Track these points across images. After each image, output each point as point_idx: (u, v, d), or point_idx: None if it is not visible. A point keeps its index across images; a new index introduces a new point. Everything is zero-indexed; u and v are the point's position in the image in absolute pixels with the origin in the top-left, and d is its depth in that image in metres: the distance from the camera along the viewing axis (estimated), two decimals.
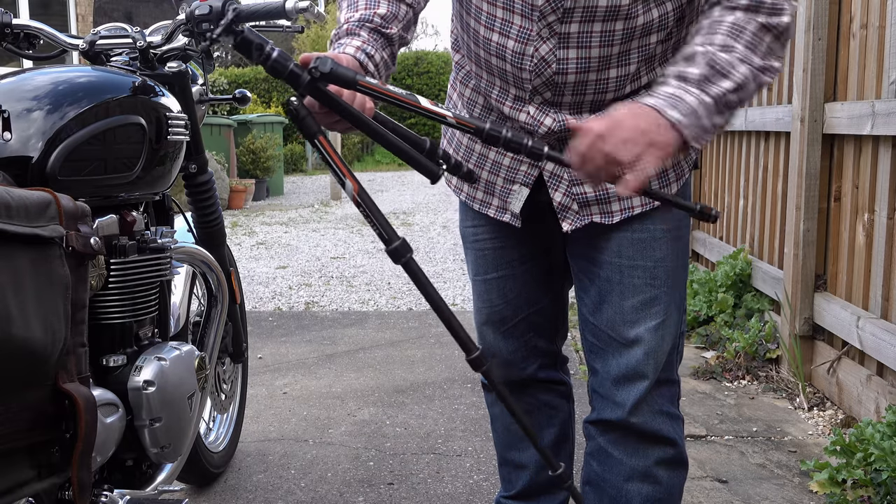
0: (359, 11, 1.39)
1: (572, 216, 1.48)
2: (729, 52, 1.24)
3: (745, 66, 1.24)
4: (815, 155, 3.02)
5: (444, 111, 1.25)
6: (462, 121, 1.26)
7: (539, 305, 1.66)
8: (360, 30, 1.37)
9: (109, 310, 1.61)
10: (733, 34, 1.25)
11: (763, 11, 1.26)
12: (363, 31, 1.37)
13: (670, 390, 1.53)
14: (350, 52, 1.33)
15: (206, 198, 2.12)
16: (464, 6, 1.45)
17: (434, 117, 1.26)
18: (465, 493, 2.33)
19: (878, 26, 2.64)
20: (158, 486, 1.72)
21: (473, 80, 1.53)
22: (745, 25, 1.26)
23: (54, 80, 1.59)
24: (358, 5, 1.40)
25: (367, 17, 1.38)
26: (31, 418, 1.27)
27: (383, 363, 3.57)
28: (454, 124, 1.26)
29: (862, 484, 2.18)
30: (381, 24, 1.38)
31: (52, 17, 9.45)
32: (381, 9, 1.39)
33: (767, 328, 3.37)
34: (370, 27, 1.38)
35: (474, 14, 1.43)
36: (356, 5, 1.41)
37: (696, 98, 1.22)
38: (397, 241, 1.26)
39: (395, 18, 1.40)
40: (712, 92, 1.23)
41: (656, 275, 1.47)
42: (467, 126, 1.26)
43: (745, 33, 1.25)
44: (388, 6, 1.40)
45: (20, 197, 1.23)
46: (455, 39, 1.57)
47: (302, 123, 1.25)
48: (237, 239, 7.14)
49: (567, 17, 1.34)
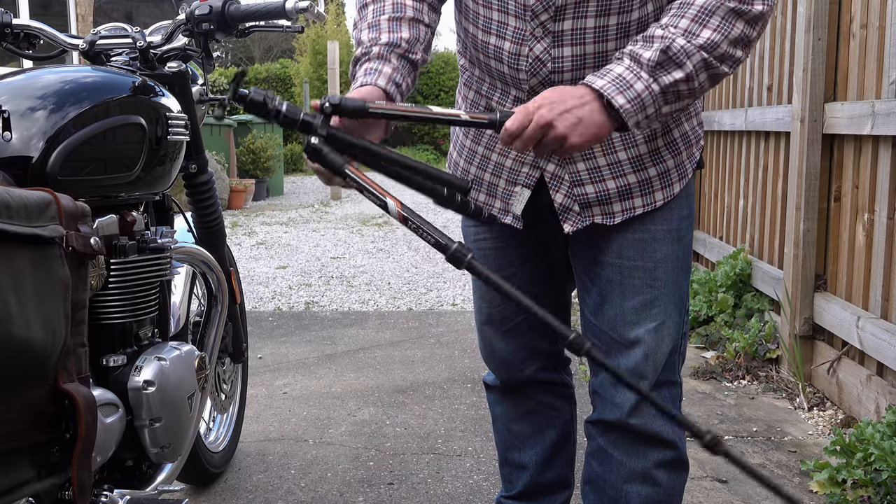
0: (383, 34, 1.37)
1: (573, 217, 1.48)
2: (689, 39, 1.23)
3: (701, 54, 1.23)
4: (815, 155, 3.02)
5: (456, 112, 1.26)
6: (475, 115, 1.27)
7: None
8: (391, 55, 1.35)
9: (109, 310, 1.61)
10: (699, 18, 1.24)
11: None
12: (393, 58, 1.35)
13: (671, 391, 1.53)
14: (382, 83, 1.32)
15: (206, 198, 2.12)
16: (462, 12, 1.46)
17: (448, 120, 1.26)
18: (465, 493, 2.33)
19: (878, 26, 2.64)
20: (158, 486, 1.72)
21: (476, 83, 1.53)
22: (714, 9, 1.24)
23: (54, 80, 1.59)
24: (381, 27, 1.38)
25: (395, 42, 1.36)
26: (32, 418, 1.27)
27: (383, 363, 3.57)
28: (468, 121, 1.26)
29: (862, 484, 2.18)
30: (408, 49, 1.37)
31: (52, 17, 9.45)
32: (404, 33, 1.37)
33: (767, 328, 3.37)
34: (398, 53, 1.36)
35: (472, 19, 1.43)
36: (378, 27, 1.38)
37: (644, 85, 1.22)
38: (454, 246, 1.23)
39: (417, 42, 1.39)
40: (663, 81, 1.23)
41: (656, 276, 1.47)
42: (481, 119, 1.26)
43: (714, 18, 1.24)
44: (410, 30, 1.38)
45: (20, 197, 1.23)
46: (461, 45, 1.57)
47: (326, 161, 1.25)
48: (237, 239, 7.14)
49: (559, 15, 1.34)
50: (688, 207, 1.51)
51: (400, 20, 1.38)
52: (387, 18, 1.38)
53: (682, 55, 1.22)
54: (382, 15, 1.39)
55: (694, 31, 1.23)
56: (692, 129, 1.49)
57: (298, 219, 8.56)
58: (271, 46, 24.90)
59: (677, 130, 1.46)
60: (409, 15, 1.39)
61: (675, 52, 1.22)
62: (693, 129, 1.49)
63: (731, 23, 1.24)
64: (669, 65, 1.23)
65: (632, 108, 1.22)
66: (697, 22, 1.24)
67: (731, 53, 1.25)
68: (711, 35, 1.23)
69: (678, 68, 1.23)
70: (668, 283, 1.48)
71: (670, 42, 1.23)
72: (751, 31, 1.26)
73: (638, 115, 1.23)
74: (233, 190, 9.37)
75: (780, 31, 3.52)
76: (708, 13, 1.24)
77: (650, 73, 1.23)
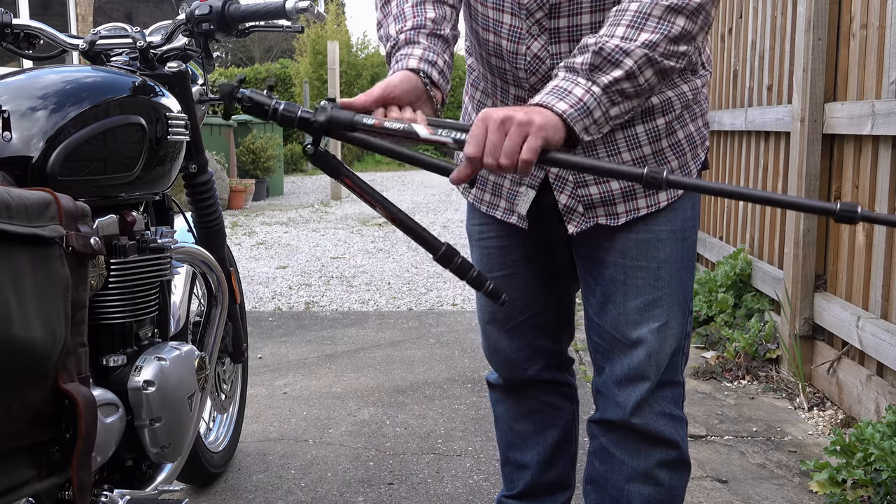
0: (409, 21, 1.37)
1: (577, 218, 1.48)
2: (626, 41, 1.20)
3: (640, 51, 1.20)
4: (815, 155, 3.02)
5: (443, 139, 1.21)
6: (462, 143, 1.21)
7: (543, 305, 1.66)
8: (419, 37, 1.35)
9: (109, 310, 1.60)
10: (636, 24, 1.21)
11: None
12: (421, 38, 1.35)
13: (673, 392, 1.53)
14: (413, 64, 1.30)
15: (206, 198, 2.12)
16: (468, 10, 1.47)
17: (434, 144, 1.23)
18: (465, 493, 2.33)
19: (878, 26, 2.64)
20: (158, 486, 1.71)
21: (482, 82, 1.54)
22: (649, 11, 1.21)
23: (54, 80, 1.59)
24: (406, 15, 1.38)
25: (420, 24, 1.36)
26: (32, 418, 1.27)
27: (383, 363, 3.57)
28: (455, 147, 1.22)
29: (862, 484, 2.18)
30: (435, 27, 1.36)
31: (52, 17, 9.45)
32: (429, 13, 1.37)
33: (767, 328, 3.37)
34: (426, 32, 1.35)
35: (474, 17, 1.45)
36: (404, 16, 1.38)
37: (584, 89, 1.19)
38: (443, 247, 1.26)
39: (444, 20, 1.38)
40: (602, 81, 1.20)
41: (660, 276, 1.47)
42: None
43: (650, 20, 1.21)
44: (435, 10, 1.38)
45: (20, 197, 1.23)
46: (468, 43, 1.58)
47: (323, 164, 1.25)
48: (237, 239, 7.14)
49: (554, 13, 1.34)
50: (692, 208, 1.50)
51: (424, 3, 1.38)
52: (410, 5, 1.38)
53: (618, 53, 1.20)
54: (406, 3, 1.39)
55: (630, 37, 1.21)
56: (697, 131, 1.49)
57: (298, 219, 8.56)
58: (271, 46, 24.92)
59: (682, 132, 1.46)
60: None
61: (609, 51, 1.20)
62: (699, 130, 1.49)
63: (669, 21, 1.21)
64: (605, 65, 1.20)
65: (576, 113, 1.18)
66: (633, 27, 1.21)
67: (674, 50, 1.22)
68: (649, 36, 1.21)
69: (615, 67, 1.20)
70: (672, 283, 1.48)
71: (603, 44, 1.20)
72: (692, 26, 1.23)
73: (584, 120, 1.19)
74: (233, 190, 9.37)
75: (780, 31, 3.52)
76: (644, 17, 1.21)
77: (587, 76, 1.20)
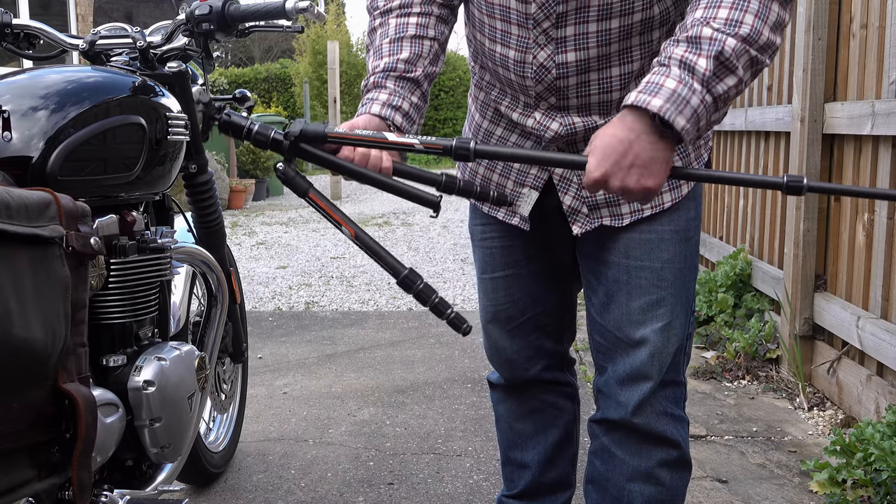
0: (383, 59, 1.41)
1: (582, 219, 1.49)
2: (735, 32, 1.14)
3: (747, 51, 1.15)
4: (815, 155, 3.02)
5: (410, 140, 1.30)
6: (430, 144, 1.30)
7: (545, 306, 1.66)
8: (386, 80, 1.39)
9: (109, 310, 1.60)
10: (739, 4, 1.16)
11: None
12: (388, 82, 1.39)
13: (675, 392, 1.53)
14: (376, 110, 1.37)
15: (206, 198, 2.11)
16: (471, 20, 1.47)
17: (402, 148, 1.31)
18: (465, 493, 2.33)
19: (878, 26, 2.64)
20: (158, 486, 1.71)
21: (486, 87, 1.54)
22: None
23: (54, 80, 1.59)
24: (382, 52, 1.41)
25: (391, 66, 1.39)
26: (32, 418, 1.27)
27: (383, 363, 3.57)
28: (422, 150, 1.30)
29: (862, 484, 2.18)
30: (406, 69, 1.39)
31: (52, 17, 9.44)
32: (403, 53, 1.40)
33: (767, 328, 3.37)
34: (395, 76, 1.39)
35: (478, 27, 1.45)
36: (381, 52, 1.42)
37: (699, 99, 1.15)
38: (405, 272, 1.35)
39: (419, 58, 1.40)
40: (717, 91, 1.16)
41: (663, 276, 1.47)
42: (435, 148, 1.31)
43: (752, 2, 1.16)
44: (411, 48, 1.40)
45: (20, 197, 1.23)
46: (472, 50, 1.58)
47: (292, 184, 1.36)
48: (237, 239, 7.14)
49: (561, 22, 1.34)
50: (695, 209, 1.50)
51: (401, 40, 1.41)
52: (388, 41, 1.42)
53: (734, 58, 1.14)
54: (385, 39, 1.42)
55: (737, 19, 1.15)
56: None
57: (298, 219, 8.56)
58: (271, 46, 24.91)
59: None
60: (412, 33, 1.41)
61: (728, 56, 1.14)
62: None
63: (767, 6, 1.17)
64: (722, 72, 1.15)
65: (691, 128, 1.15)
66: (738, 8, 1.16)
67: (773, 41, 1.18)
68: (754, 22, 1.15)
69: (731, 74, 1.15)
70: (675, 283, 1.48)
71: (721, 45, 1.14)
72: (784, 14, 1.19)
73: (693, 133, 1.16)
74: (233, 190, 9.37)
75: None
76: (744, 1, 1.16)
77: (704, 84, 1.15)
